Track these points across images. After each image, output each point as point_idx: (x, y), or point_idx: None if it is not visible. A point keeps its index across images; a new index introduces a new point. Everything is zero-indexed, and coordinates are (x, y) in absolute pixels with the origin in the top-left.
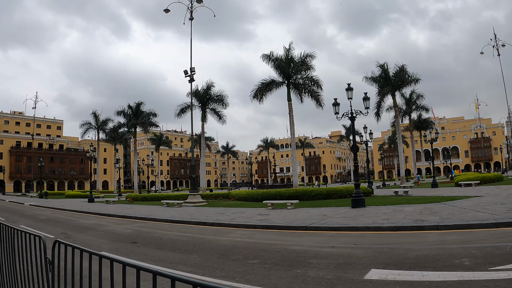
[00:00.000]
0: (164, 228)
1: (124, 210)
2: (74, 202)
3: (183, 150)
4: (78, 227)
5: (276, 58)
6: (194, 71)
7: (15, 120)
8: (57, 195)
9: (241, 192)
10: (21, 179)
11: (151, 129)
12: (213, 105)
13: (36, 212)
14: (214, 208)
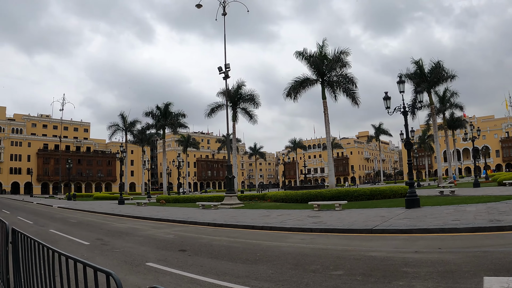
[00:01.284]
0: (209, 233)
1: (159, 212)
2: (104, 204)
3: (210, 152)
4: (113, 231)
5: (309, 55)
6: (229, 67)
7: (43, 123)
8: (85, 197)
9: (278, 193)
10: (48, 181)
11: (179, 130)
12: (244, 104)
13: (66, 214)
14: (254, 210)
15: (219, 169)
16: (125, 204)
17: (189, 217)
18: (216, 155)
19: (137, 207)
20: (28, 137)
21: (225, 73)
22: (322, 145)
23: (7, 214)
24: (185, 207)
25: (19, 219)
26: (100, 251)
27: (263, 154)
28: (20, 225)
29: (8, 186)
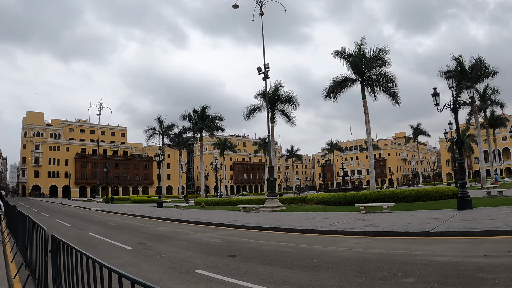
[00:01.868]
0: (255, 237)
1: (199, 215)
2: (143, 207)
3: (246, 155)
4: (155, 235)
5: (348, 54)
6: (269, 67)
7: (80, 128)
8: (123, 200)
9: (320, 195)
10: (86, 185)
11: (216, 133)
12: (282, 106)
13: (105, 218)
14: (298, 213)
15: (255, 172)
16: (163, 207)
17: (232, 220)
18: (253, 158)
19: (176, 210)
20: (66, 141)
21: (264, 74)
22: (359, 147)
23: (45, 216)
24: (225, 210)
25: (58, 222)
26: (144, 256)
27: (300, 156)
28: (58, 228)
29: (46, 189)
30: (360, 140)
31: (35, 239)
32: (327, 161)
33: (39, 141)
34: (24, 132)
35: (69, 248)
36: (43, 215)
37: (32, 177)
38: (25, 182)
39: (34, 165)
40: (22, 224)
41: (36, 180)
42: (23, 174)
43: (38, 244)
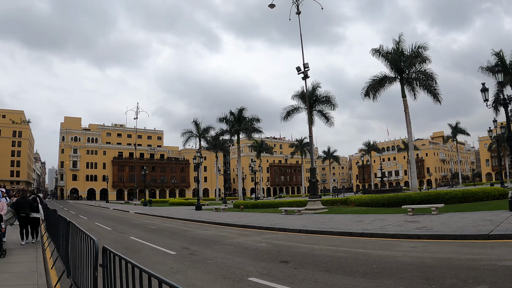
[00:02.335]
0: (303, 241)
1: (241, 218)
2: (181, 210)
3: (282, 157)
4: (199, 239)
5: (387, 52)
6: (308, 67)
7: (117, 132)
8: (160, 203)
9: (362, 197)
10: (123, 188)
11: (253, 136)
12: (320, 106)
13: (144, 221)
14: (342, 215)
15: (292, 174)
16: (202, 210)
17: (275, 223)
18: (289, 160)
19: (215, 212)
20: (103, 145)
21: (304, 73)
22: (396, 147)
23: (84, 219)
24: (266, 213)
25: (97, 225)
26: (190, 262)
27: (337, 157)
28: (98, 231)
29: (84, 192)
30: (397, 140)
31: (80, 247)
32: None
33: (76, 146)
34: (62, 137)
35: (124, 262)
36: (82, 218)
37: (70, 180)
38: (63, 186)
39: (72, 169)
40: (63, 229)
41: (74, 183)
42: (61, 178)
43: (84, 254)
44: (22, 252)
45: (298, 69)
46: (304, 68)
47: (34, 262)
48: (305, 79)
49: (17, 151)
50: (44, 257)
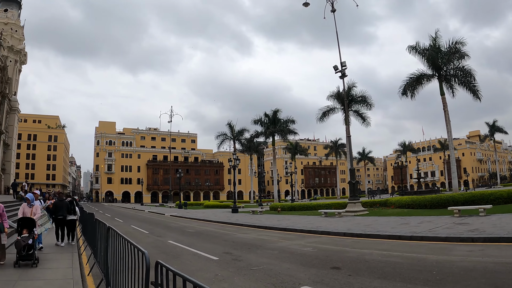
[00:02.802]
0: (350, 245)
1: (280, 221)
2: (217, 213)
3: (316, 159)
4: (240, 243)
5: (424, 48)
6: (345, 65)
7: (151, 135)
8: (195, 206)
9: (403, 198)
10: (158, 191)
11: (288, 137)
12: (356, 106)
13: (181, 223)
14: (385, 217)
15: (326, 176)
16: (239, 213)
17: (317, 226)
18: (323, 161)
19: (253, 215)
20: (137, 149)
21: (341, 72)
22: (432, 147)
23: (120, 222)
24: (305, 215)
25: (134, 228)
26: (235, 269)
27: (372, 159)
28: (135, 235)
29: (119, 195)
30: (433, 140)
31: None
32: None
33: (111, 149)
34: (97, 141)
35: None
36: (117, 220)
37: (105, 183)
38: (98, 188)
39: (107, 172)
40: (102, 235)
41: (109, 186)
42: (96, 181)
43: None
44: (57, 256)
45: (336, 68)
46: (341, 66)
47: (69, 268)
48: (343, 78)
49: (52, 155)
50: (81, 263)
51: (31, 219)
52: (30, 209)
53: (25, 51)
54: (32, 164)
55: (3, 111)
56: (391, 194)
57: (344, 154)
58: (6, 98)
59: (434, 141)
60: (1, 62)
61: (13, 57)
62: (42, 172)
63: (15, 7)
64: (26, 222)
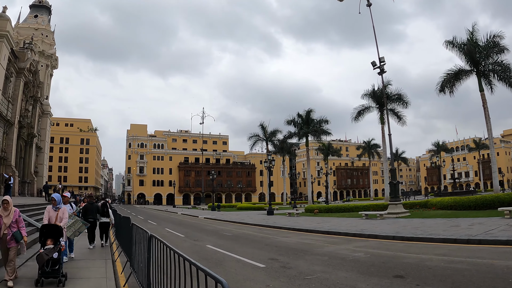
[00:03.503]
0: (403, 249)
1: (320, 224)
2: (252, 215)
3: (349, 160)
4: (284, 248)
5: (462, 43)
6: (384, 61)
7: (182, 137)
8: (228, 208)
9: (444, 199)
10: (189, 193)
11: (322, 138)
12: (392, 105)
13: (217, 226)
14: (430, 219)
15: (358, 177)
16: (274, 215)
17: (361, 229)
18: (355, 162)
19: (289, 217)
20: (169, 151)
21: (380, 68)
22: (466, 147)
23: (153, 225)
24: (344, 217)
25: (168, 232)
26: (287, 278)
27: (405, 159)
28: (171, 239)
29: (151, 197)
30: (467, 139)
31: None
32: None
33: (143, 152)
34: (129, 143)
35: None
36: (151, 223)
37: (137, 185)
38: (130, 191)
39: (139, 174)
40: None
41: (141, 188)
42: (128, 183)
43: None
44: (88, 264)
45: (374, 64)
46: (379, 62)
47: (103, 278)
48: (381, 74)
49: (85, 158)
50: (115, 271)
51: (57, 227)
52: (56, 213)
53: (56, 56)
54: (64, 167)
55: (35, 115)
56: (425, 196)
57: (378, 154)
58: (38, 101)
59: (468, 141)
60: (32, 67)
61: (44, 62)
62: (74, 174)
63: (45, 13)
64: (51, 230)
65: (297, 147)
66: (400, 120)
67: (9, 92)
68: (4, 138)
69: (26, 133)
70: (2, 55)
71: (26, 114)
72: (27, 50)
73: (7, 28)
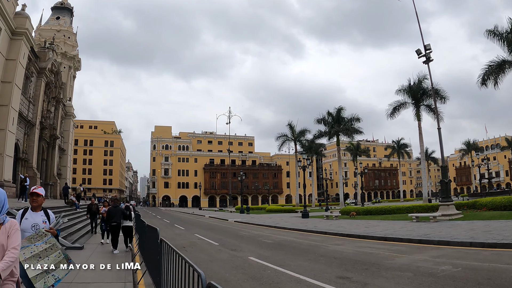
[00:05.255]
0: (495, 259)
1: (368, 228)
2: (286, 218)
3: (376, 160)
4: (345, 260)
5: (507, 31)
6: (430, 48)
7: (207, 139)
8: (256, 210)
9: (496, 199)
10: (215, 195)
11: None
12: (428, 100)
13: (252, 231)
14: (490, 221)
15: (386, 178)
16: (310, 218)
17: (424, 234)
18: (383, 163)
19: (328, 220)
20: (194, 153)
21: (426, 56)
22: (497, 146)
23: (182, 230)
24: (388, 220)
25: (199, 238)
26: None
27: (435, 159)
28: (204, 247)
29: (176, 199)
30: (497, 138)
31: None
32: (467, 163)
33: (168, 154)
34: (153, 145)
35: None
36: (178, 228)
37: (162, 188)
38: (155, 193)
39: (164, 177)
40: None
41: (166, 190)
42: (153, 185)
43: None
44: None
45: (418, 52)
46: (425, 50)
47: None
48: (428, 62)
49: (109, 160)
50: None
51: None
52: None
53: (78, 57)
54: (89, 169)
55: (58, 116)
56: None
57: (407, 154)
58: (61, 103)
59: (498, 139)
60: (54, 67)
61: (67, 63)
62: (99, 177)
63: (67, 15)
64: None
65: (324, 148)
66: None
67: (30, 92)
68: (25, 139)
69: (48, 135)
70: (21, 53)
71: (48, 115)
72: (48, 50)
73: (26, 25)
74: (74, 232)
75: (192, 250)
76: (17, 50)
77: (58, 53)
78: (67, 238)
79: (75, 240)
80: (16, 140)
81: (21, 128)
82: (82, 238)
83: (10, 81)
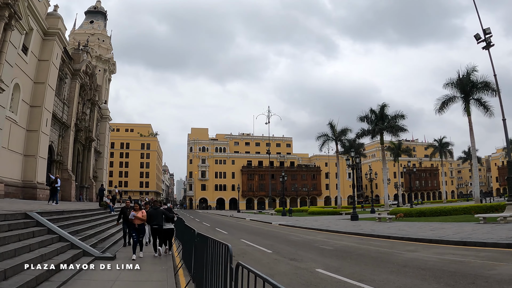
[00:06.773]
0: None
1: (433, 231)
2: (334, 221)
3: (416, 160)
4: (439, 272)
5: None
6: (490, 32)
7: (244, 140)
8: (297, 212)
9: None
10: (253, 197)
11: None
12: (478, 94)
13: (303, 236)
14: None
15: (426, 178)
16: (359, 220)
17: (500, 237)
18: (423, 163)
19: (381, 223)
20: (231, 155)
21: (486, 41)
22: None
23: (225, 235)
24: (447, 222)
25: (247, 244)
26: None
27: (479, 158)
28: (256, 256)
29: (213, 202)
30: None
31: None
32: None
33: (205, 156)
34: (190, 147)
35: None
36: (220, 232)
37: (199, 190)
38: (192, 195)
39: (201, 179)
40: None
41: (203, 193)
42: (190, 188)
43: None
44: None
45: (477, 37)
46: (485, 34)
47: None
48: (488, 48)
49: (145, 163)
50: None
51: None
52: None
53: (113, 61)
54: (125, 172)
55: (94, 118)
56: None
57: (450, 153)
58: (96, 105)
59: None
60: (88, 69)
61: (102, 66)
62: (135, 179)
63: (101, 18)
64: None
65: (363, 148)
66: (487, 111)
67: (64, 94)
68: (59, 141)
69: (83, 137)
70: (54, 54)
71: (83, 118)
72: (82, 52)
73: (58, 25)
74: (106, 238)
75: (244, 260)
76: (50, 50)
77: (93, 56)
78: (96, 246)
79: (106, 248)
80: (50, 142)
81: (55, 130)
82: (115, 246)
83: (43, 82)
